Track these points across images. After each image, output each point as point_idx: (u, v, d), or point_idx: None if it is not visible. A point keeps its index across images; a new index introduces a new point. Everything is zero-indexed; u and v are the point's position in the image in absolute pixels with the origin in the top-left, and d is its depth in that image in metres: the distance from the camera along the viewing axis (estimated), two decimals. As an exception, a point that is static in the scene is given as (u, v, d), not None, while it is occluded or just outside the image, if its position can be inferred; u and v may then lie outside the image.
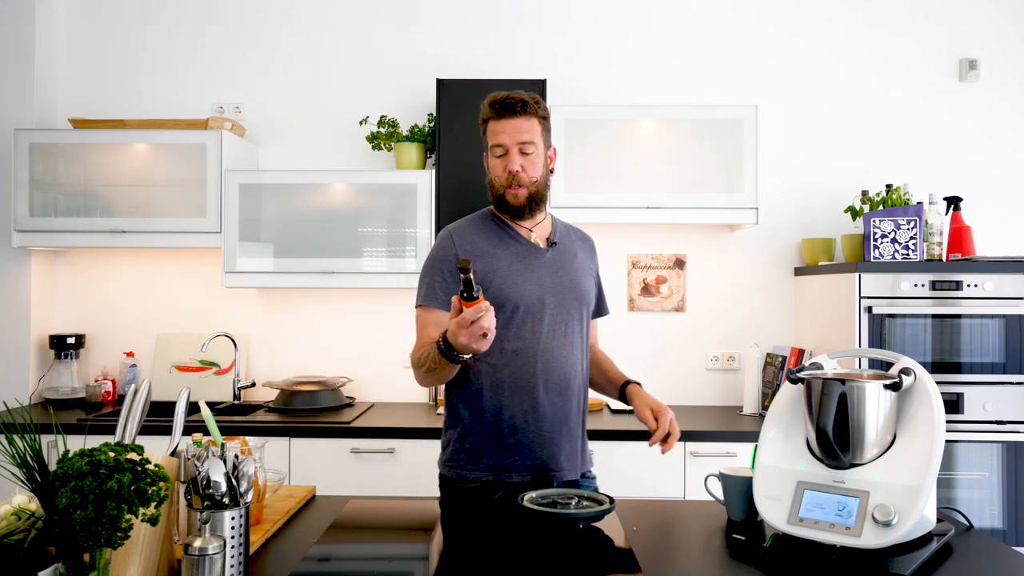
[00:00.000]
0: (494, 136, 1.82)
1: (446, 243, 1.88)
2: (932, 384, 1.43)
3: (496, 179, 1.84)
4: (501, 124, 1.81)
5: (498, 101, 1.82)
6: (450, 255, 1.85)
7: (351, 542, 1.53)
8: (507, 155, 1.81)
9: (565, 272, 1.88)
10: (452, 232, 1.90)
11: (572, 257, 1.93)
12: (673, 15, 3.40)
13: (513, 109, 1.80)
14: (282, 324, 3.41)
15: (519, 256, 1.85)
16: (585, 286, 1.91)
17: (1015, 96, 3.36)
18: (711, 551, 1.44)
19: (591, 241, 2.05)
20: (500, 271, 1.82)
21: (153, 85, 3.44)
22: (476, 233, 1.88)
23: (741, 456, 2.74)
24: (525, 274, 1.83)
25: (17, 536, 1.10)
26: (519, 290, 1.81)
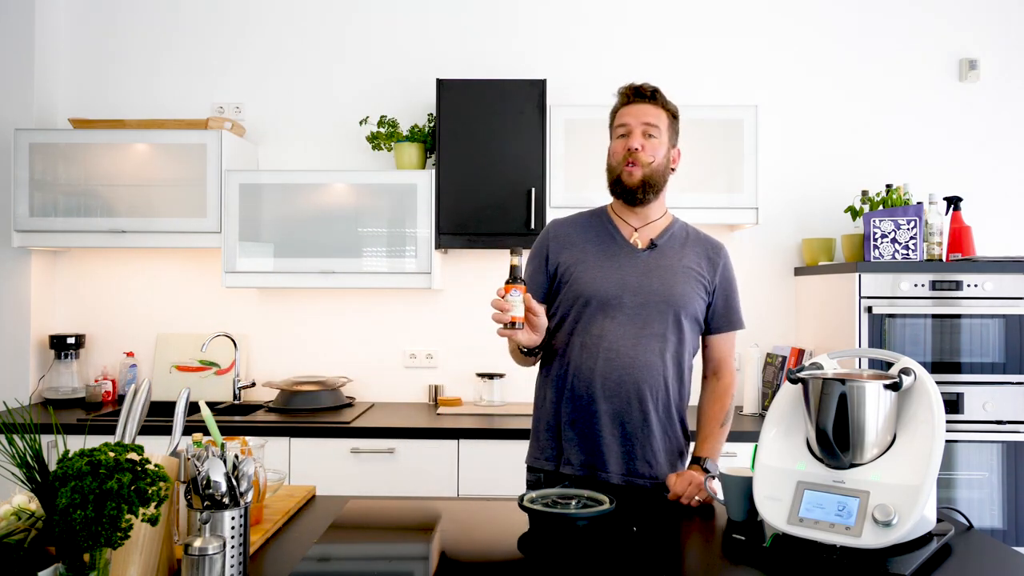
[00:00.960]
0: (619, 118, 1.85)
1: (544, 234, 1.94)
2: (932, 384, 1.43)
3: (614, 158, 1.85)
4: (629, 108, 1.84)
5: (632, 87, 1.85)
6: (543, 244, 1.91)
7: (351, 542, 1.53)
8: (630, 134, 1.82)
9: (659, 275, 1.83)
10: (552, 223, 1.96)
11: (676, 261, 1.86)
12: (675, 17, 3.40)
13: (643, 95, 1.83)
14: (282, 324, 3.41)
15: (608, 253, 1.86)
16: (681, 291, 1.82)
17: (1015, 96, 3.36)
18: (711, 551, 1.44)
19: (720, 248, 1.94)
20: (584, 264, 1.84)
21: (153, 85, 3.44)
22: (574, 226, 1.92)
23: (741, 456, 2.74)
24: (608, 271, 1.83)
25: (17, 536, 1.10)
26: (595, 285, 1.81)
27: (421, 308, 3.40)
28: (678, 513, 1.67)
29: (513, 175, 3.03)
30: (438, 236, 3.05)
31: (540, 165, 3.02)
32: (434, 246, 3.05)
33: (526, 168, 3.02)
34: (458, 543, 1.51)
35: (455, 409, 3.12)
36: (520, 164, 3.02)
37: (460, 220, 3.04)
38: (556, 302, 1.88)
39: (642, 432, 1.81)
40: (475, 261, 3.38)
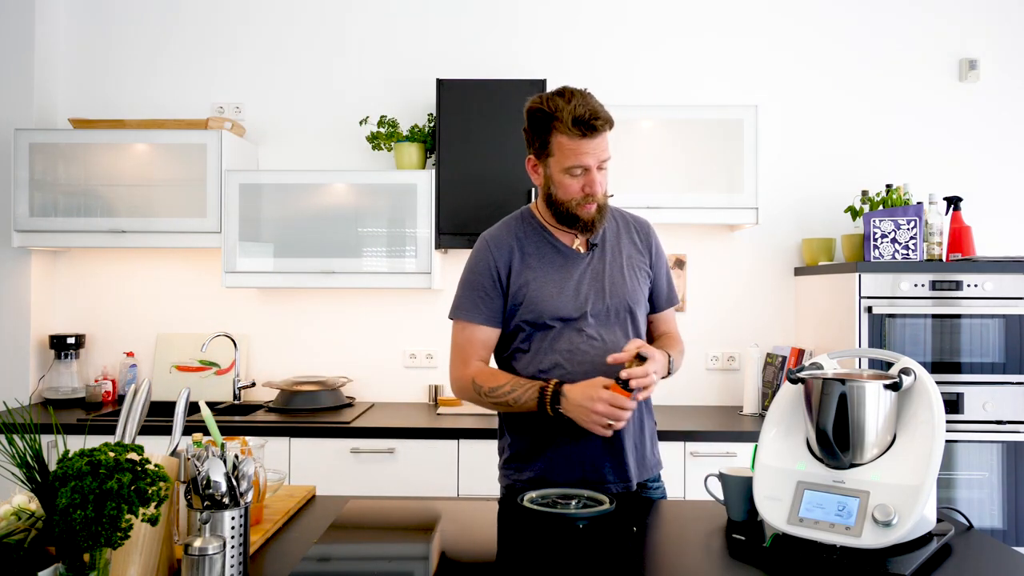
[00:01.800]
0: (575, 156, 1.68)
1: (483, 254, 1.81)
2: (932, 384, 1.43)
3: (571, 198, 1.72)
4: (584, 144, 1.67)
5: (582, 121, 1.65)
6: (490, 267, 1.79)
7: (351, 542, 1.53)
8: (586, 174, 1.70)
9: (609, 277, 1.79)
10: (489, 242, 1.82)
11: (618, 255, 1.82)
12: (675, 16, 3.40)
13: (598, 129, 1.67)
14: (282, 324, 3.41)
15: (556, 265, 1.78)
16: (631, 287, 1.80)
17: (1015, 96, 3.36)
18: (711, 551, 1.44)
19: (647, 227, 1.91)
20: (537, 281, 1.76)
21: (153, 85, 3.44)
22: (512, 238, 1.80)
23: (741, 456, 2.74)
24: (562, 284, 1.76)
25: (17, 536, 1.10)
26: (555, 304, 1.74)
27: (421, 308, 3.40)
28: (678, 513, 1.67)
29: (513, 175, 3.03)
30: (438, 236, 3.05)
31: (540, 165, 3.02)
32: (434, 246, 3.05)
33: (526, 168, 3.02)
34: (458, 543, 1.51)
35: (455, 409, 3.12)
36: (520, 164, 3.02)
37: (460, 220, 3.04)
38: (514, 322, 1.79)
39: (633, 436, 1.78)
40: (475, 261, 3.38)
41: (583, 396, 1.61)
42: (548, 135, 1.70)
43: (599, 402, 1.58)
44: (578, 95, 1.69)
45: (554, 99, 1.69)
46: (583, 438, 1.73)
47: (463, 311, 1.81)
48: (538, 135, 1.73)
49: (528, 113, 1.74)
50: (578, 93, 1.69)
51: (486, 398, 1.75)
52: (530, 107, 1.73)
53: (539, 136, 1.73)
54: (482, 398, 1.76)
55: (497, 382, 1.74)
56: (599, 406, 1.58)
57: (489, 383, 1.75)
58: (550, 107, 1.68)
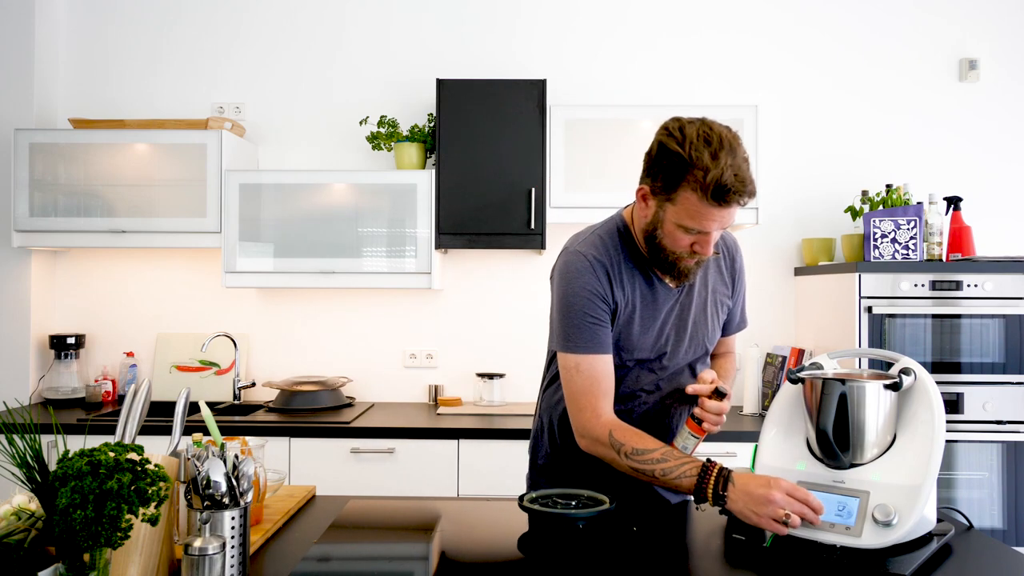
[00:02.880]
0: (699, 219, 1.46)
1: (588, 274, 1.59)
2: (932, 384, 1.43)
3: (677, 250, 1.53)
4: (714, 211, 1.45)
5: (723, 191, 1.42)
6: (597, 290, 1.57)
7: (351, 542, 1.53)
8: (703, 235, 1.50)
9: (693, 317, 1.66)
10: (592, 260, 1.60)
11: (703, 290, 1.68)
12: (675, 16, 3.40)
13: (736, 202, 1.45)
14: (282, 324, 3.41)
15: (648, 300, 1.62)
16: (711, 327, 1.69)
17: (1015, 96, 3.36)
18: (711, 551, 1.44)
19: (734, 250, 1.76)
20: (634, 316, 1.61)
21: (153, 85, 3.44)
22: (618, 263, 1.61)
23: (741, 456, 2.74)
24: (648, 323, 1.62)
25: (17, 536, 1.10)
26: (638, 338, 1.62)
27: (421, 308, 3.40)
28: (678, 513, 1.67)
29: (513, 175, 3.03)
30: (438, 236, 3.05)
31: (540, 165, 3.02)
32: (434, 246, 3.05)
33: (526, 168, 3.02)
34: (458, 543, 1.51)
35: (455, 409, 3.12)
36: (520, 164, 3.02)
37: (460, 220, 3.04)
38: None
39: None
40: (475, 261, 3.38)
41: (758, 483, 1.40)
42: (677, 184, 1.46)
43: (777, 491, 1.37)
44: (727, 154, 1.42)
45: (700, 148, 1.43)
46: None
47: (581, 343, 1.58)
48: (665, 176, 1.48)
49: (661, 147, 1.49)
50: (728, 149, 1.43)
51: (626, 459, 1.52)
52: (668, 144, 1.48)
53: (666, 178, 1.48)
54: (620, 458, 1.53)
55: (644, 445, 1.52)
56: (776, 495, 1.36)
57: (633, 443, 1.53)
58: (692, 158, 1.43)
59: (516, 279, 3.37)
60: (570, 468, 1.74)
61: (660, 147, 1.50)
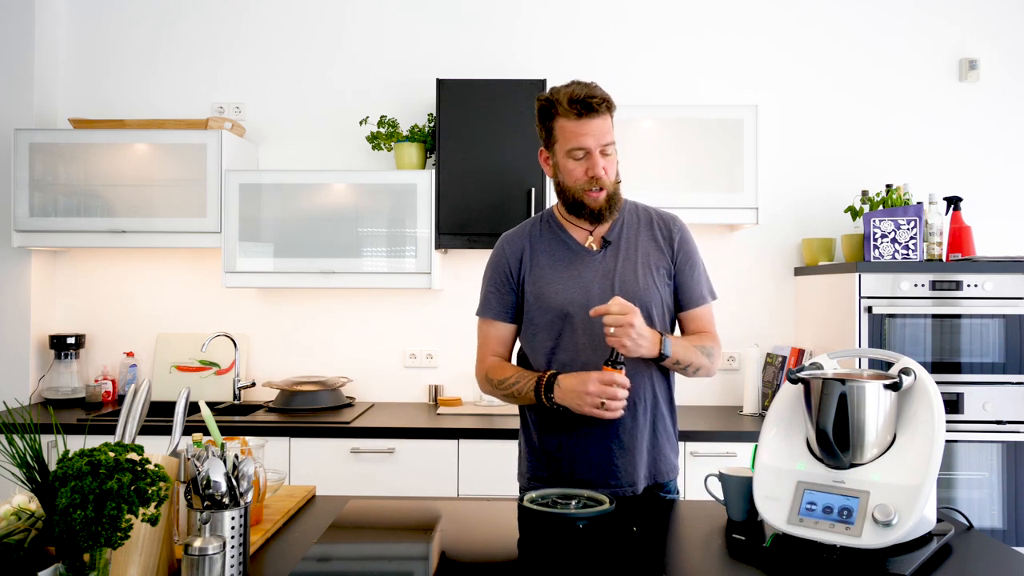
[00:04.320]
0: (574, 138, 1.70)
1: (498, 252, 1.88)
2: (932, 384, 1.43)
3: (575, 183, 1.73)
4: (583, 125, 1.68)
5: (578, 100, 1.67)
6: (502, 264, 1.85)
7: (351, 542, 1.53)
8: (589, 157, 1.71)
9: (619, 275, 1.76)
10: (503, 240, 1.89)
11: (632, 253, 1.79)
12: (674, 16, 3.40)
13: (596, 108, 1.68)
14: (282, 324, 3.41)
15: (564, 262, 1.79)
16: (644, 285, 1.76)
17: (1015, 96, 3.36)
18: (711, 551, 1.44)
19: (672, 222, 1.86)
20: (544, 278, 1.78)
21: (153, 85, 3.44)
22: (525, 237, 1.85)
23: (741, 456, 2.74)
24: (568, 281, 1.77)
25: (17, 536, 1.10)
26: (560, 298, 1.76)
27: (421, 308, 3.40)
28: (678, 513, 1.68)
29: (513, 175, 3.03)
30: (438, 236, 3.05)
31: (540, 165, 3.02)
32: (434, 246, 3.05)
33: (526, 168, 3.02)
34: (458, 543, 1.51)
35: (455, 409, 3.12)
36: (520, 164, 3.02)
37: (460, 220, 3.04)
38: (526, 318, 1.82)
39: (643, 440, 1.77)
40: (475, 261, 3.38)
41: (575, 380, 1.65)
42: (552, 121, 1.74)
43: (590, 382, 1.61)
44: (579, 83, 1.72)
45: (556, 88, 1.74)
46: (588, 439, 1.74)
47: (481, 308, 1.88)
48: (543, 124, 1.76)
49: (536, 105, 1.78)
50: (580, 82, 1.73)
51: (497, 389, 1.81)
52: (537, 98, 1.77)
53: (544, 125, 1.76)
54: (495, 390, 1.82)
55: (505, 374, 1.80)
56: (591, 386, 1.61)
57: (499, 375, 1.81)
58: (551, 95, 1.73)
59: (516, 279, 3.37)
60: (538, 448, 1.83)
61: (537, 109, 1.78)
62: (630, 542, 1.46)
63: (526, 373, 1.77)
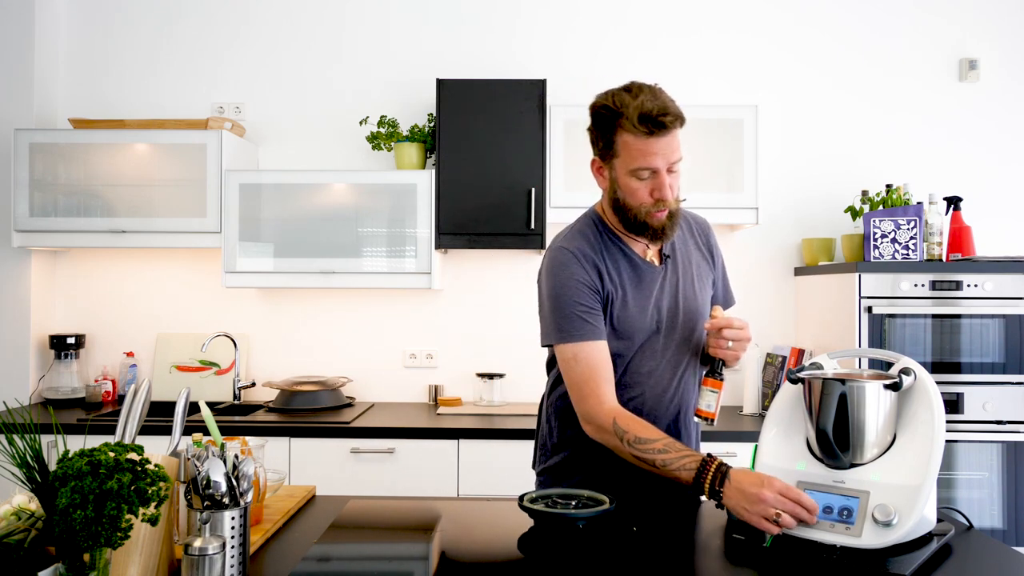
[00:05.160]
0: (642, 158, 1.55)
1: (574, 265, 1.64)
2: (932, 384, 1.43)
3: (640, 203, 1.60)
4: (652, 143, 1.54)
5: (650, 117, 1.51)
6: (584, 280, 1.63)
7: (351, 542, 1.53)
8: (655, 177, 1.57)
9: (682, 291, 1.71)
10: (575, 251, 1.65)
11: (687, 265, 1.73)
12: (675, 16, 3.40)
13: (669, 126, 1.53)
14: (282, 324, 3.41)
15: (634, 281, 1.67)
16: (702, 299, 1.73)
17: (1015, 96, 3.36)
18: (711, 551, 1.44)
19: (706, 227, 1.83)
20: (620, 299, 1.65)
21: (153, 85, 3.44)
22: (596, 251, 1.66)
23: (741, 456, 2.73)
24: (643, 301, 1.67)
25: (17, 536, 1.10)
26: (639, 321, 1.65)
27: (421, 308, 3.40)
28: (678, 513, 1.67)
29: (513, 175, 3.03)
30: (438, 236, 3.05)
31: (540, 165, 3.02)
32: (434, 246, 3.05)
33: (526, 168, 3.02)
34: (458, 543, 1.51)
35: (455, 409, 3.12)
36: (520, 164, 3.02)
37: (460, 220, 3.04)
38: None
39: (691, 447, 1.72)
40: (475, 261, 3.38)
41: (751, 481, 1.40)
42: (613, 134, 1.58)
43: (768, 490, 1.37)
44: (647, 90, 1.56)
45: (620, 95, 1.56)
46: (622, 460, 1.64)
47: (572, 332, 1.61)
48: (603, 134, 1.60)
49: (592, 111, 1.62)
50: (647, 88, 1.56)
51: (629, 447, 1.55)
52: (594, 104, 1.61)
53: (603, 135, 1.60)
54: (624, 446, 1.56)
55: (647, 434, 1.54)
56: (767, 494, 1.36)
57: (636, 432, 1.55)
58: (615, 104, 1.56)
59: (516, 279, 3.37)
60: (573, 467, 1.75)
61: (592, 112, 1.63)
62: (630, 542, 1.46)
63: (676, 444, 1.53)
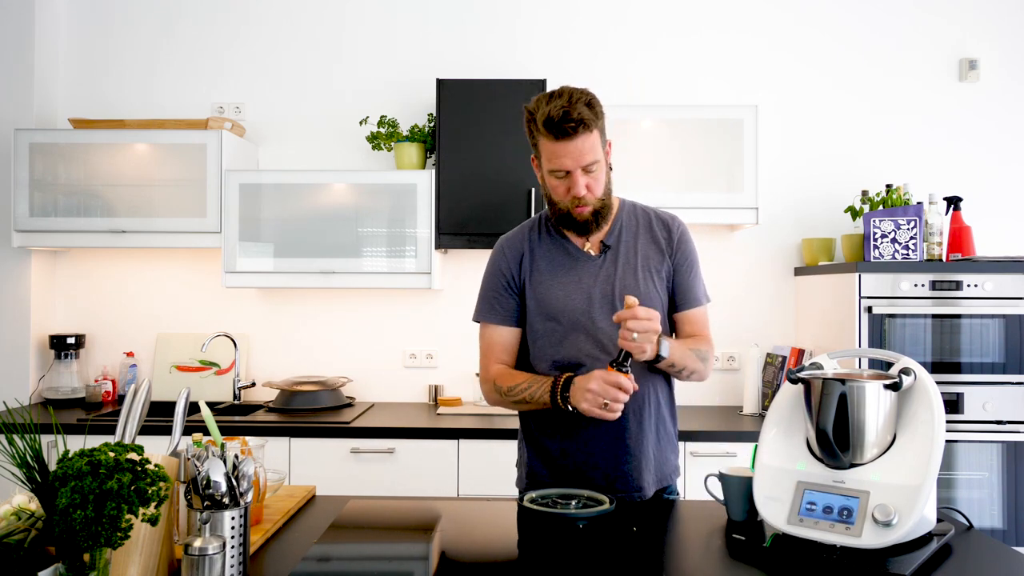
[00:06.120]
0: (554, 159, 1.65)
1: (497, 255, 1.84)
2: (932, 384, 1.43)
3: (560, 200, 1.71)
4: (561, 147, 1.63)
5: (554, 124, 1.60)
6: (501, 268, 1.81)
7: (351, 542, 1.53)
8: (569, 177, 1.67)
9: (620, 278, 1.74)
10: (502, 244, 1.85)
11: (631, 257, 1.77)
12: (675, 16, 3.40)
13: (572, 132, 1.60)
14: (282, 324, 3.41)
15: (565, 267, 1.77)
16: (644, 289, 1.74)
17: (1015, 96, 3.36)
18: (711, 551, 1.44)
19: (672, 223, 1.83)
20: (545, 284, 1.76)
21: (153, 85, 3.44)
22: (524, 241, 1.82)
23: (741, 456, 2.74)
24: (569, 286, 1.75)
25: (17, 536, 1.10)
26: (562, 304, 1.74)
27: (421, 308, 3.40)
28: (678, 513, 1.68)
29: (513, 175, 3.03)
30: (438, 236, 3.05)
31: (540, 165, 3.02)
32: (434, 246, 3.05)
33: (526, 168, 3.02)
34: (458, 543, 1.51)
35: (455, 409, 3.12)
36: (520, 164, 3.02)
37: (460, 220, 3.04)
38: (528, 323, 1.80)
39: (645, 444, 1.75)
40: (475, 261, 3.38)
41: (583, 380, 1.61)
42: (534, 136, 1.69)
43: (594, 380, 1.58)
44: (561, 96, 1.62)
45: (539, 99, 1.66)
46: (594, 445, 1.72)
47: (481, 313, 1.84)
48: (530, 135, 1.71)
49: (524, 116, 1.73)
50: (563, 93, 1.62)
51: (506, 397, 1.76)
52: (526, 109, 1.71)
53: (531, 136, 1.71)
54: (503, 398, 1.77)
55: (515, 381, 1.75)
56: (593, 384, 1.57)
57: (508, 382, 1.76)
58: (532, 108, 1.67)
59: (516, 279, 3.37)
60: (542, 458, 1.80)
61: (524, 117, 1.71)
62: (630, 542, 1.46)
63: (539, 378, 1.72)
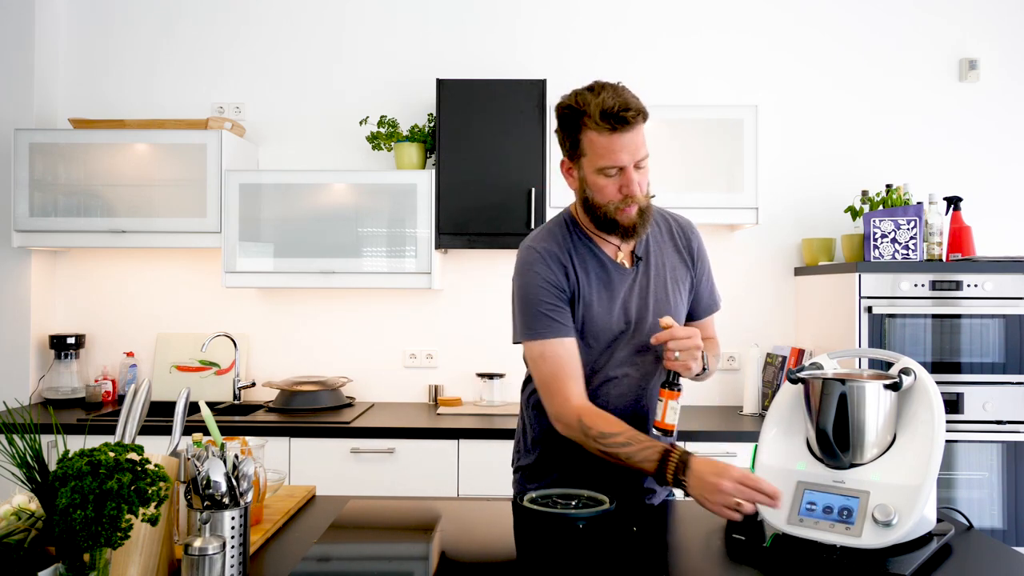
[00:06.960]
0: (608, 155, 1.55)
1: (541, 265, 1.65)
2: (932, 384, 1.43)
3: (608, 200, 1.60)
4: (616, 140, 1.54)
5: (612, 114, 1.52)
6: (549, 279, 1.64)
7: (351, 542, 1.53)
8: (622, 174, 1.58)
9: (653, 293, 1.69)
10: (543, 252, 1.67)
11: (662, 269, 1.72)
12: (675, 16, 3.40)
13: (631, 122, 1.53)
14: (282, 324, 3.41)
15: (603, 281, 1.67)
16: (676, 302, 1.71)
17: (1015, 96, 3.36)
18: (711, 551, 1.44)
19: (689, 229, 1.80)
20: (586, 300, 1.66)
21: (153, 85, 3.44)
22: (564, 252, 1.67)
23: (741, 456, 2.73)
24: (609, 303, 1.66)
25: (17, 536, 1.10)
26: (604, 322, 1.66)
27: (421, 308, 3.40)
28: (678, 513, 1.67)
29: (513, 175, 3.03)
30: (438, 236, 3.05)
31: (540, 165, 3.03)
32: (434, 246, 3.05)
33: (526, 168, 3.02)
34: (458, 543, 1.51)
35: (455, 409, 3.12)
36: (520, 164, 3.02)
37: (460, 220, 3.04)
38: None
39: None
40: (475, 261, 3.38)
41: (711, 469, 1.44)
42: (578, 133, 1.59)
43: (726, 480, 1.40)
44: (608, 88, 1.56)
45: (583, 94, 1.58)
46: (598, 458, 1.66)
47: (537, 330, 1.63)
48: (569, 134, 1.61)
49: (558, 112, 1.63)
50: (608, 86, 1.57)
51: (594, 443, 1.56)
52: (559, 105, 1.62)
53: (570, 135, 1.61)
54: (589, 441, 1.57)
55: (611, 429, 1.56)
56: (726, 483, 1.40)
57: (600, 427, 1.56)
58: (578, 103, 1.57)
59: (516, 279, 3.36)
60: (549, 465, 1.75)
61: (558, 116, 1.63)
62: (630, 542, 1.46)
63: (640, 436, 1.54)
